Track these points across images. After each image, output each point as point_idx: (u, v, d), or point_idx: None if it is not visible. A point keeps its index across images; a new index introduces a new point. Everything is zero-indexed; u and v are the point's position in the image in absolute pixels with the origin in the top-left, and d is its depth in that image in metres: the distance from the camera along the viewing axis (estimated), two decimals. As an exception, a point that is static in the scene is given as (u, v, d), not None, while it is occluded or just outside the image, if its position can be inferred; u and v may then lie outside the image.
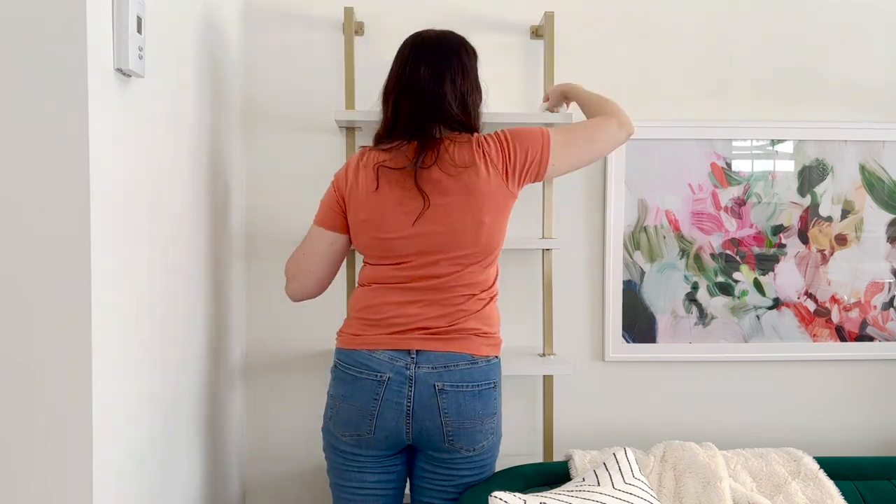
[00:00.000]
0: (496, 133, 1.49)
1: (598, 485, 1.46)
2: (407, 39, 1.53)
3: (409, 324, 1.45)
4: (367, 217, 1.46)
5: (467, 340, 1.45)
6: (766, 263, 2.15)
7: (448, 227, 1.43)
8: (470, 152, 1.44)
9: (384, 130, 1.51)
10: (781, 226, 2.14)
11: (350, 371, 1.45)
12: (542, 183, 2.01)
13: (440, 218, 1.43)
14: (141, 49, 1.13)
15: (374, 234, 1.46)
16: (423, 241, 1.43)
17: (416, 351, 1.43)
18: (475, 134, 1.50)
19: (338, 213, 1.51)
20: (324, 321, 2.01)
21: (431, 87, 1.46)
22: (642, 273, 2.13)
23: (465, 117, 1.49)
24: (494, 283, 1.52)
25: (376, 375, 1.42)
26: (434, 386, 1.42)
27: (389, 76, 1.52)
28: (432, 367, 1.42)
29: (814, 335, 2.17)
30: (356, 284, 1.60)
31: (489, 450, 1.49)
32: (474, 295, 1.47)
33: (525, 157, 1.48)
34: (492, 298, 1.51)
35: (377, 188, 1.44)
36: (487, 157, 1.45)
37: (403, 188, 1.43)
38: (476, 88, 1.54)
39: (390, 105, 1.50)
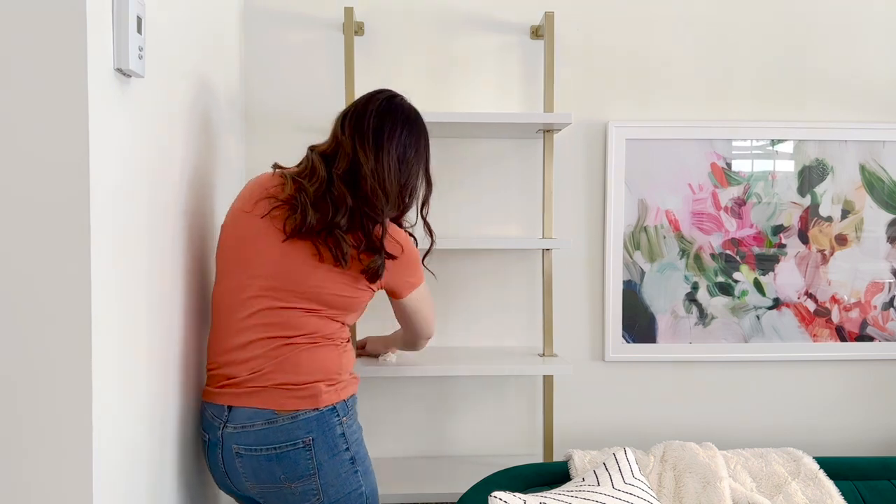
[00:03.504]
0: None
1: (598, 485, 1.46)
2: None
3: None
4: None
5: (266, 394, 1.35)
6: (766, 263, 2.15)
7: None
8: None
9: None
10: (781, 226, 2.14)
11: None
12: (541, 183, 2.02)
13: None
14: (141, 49, 1.12)
15: None
16: None
17: (228, 407, 1.36)
18: None
19: None
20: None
21: None
22: (642, 273, 2.13)
23: None
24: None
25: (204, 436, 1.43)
26: (232, 449, 1.35)
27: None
28: (234, 428, 1.35)
29: (814, 335, 2.17)
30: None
31: None
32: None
33: None
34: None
35: None
36: None
37: None
38: None
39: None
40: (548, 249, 2.01)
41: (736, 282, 2.14)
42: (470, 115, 1.83)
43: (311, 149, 1.46)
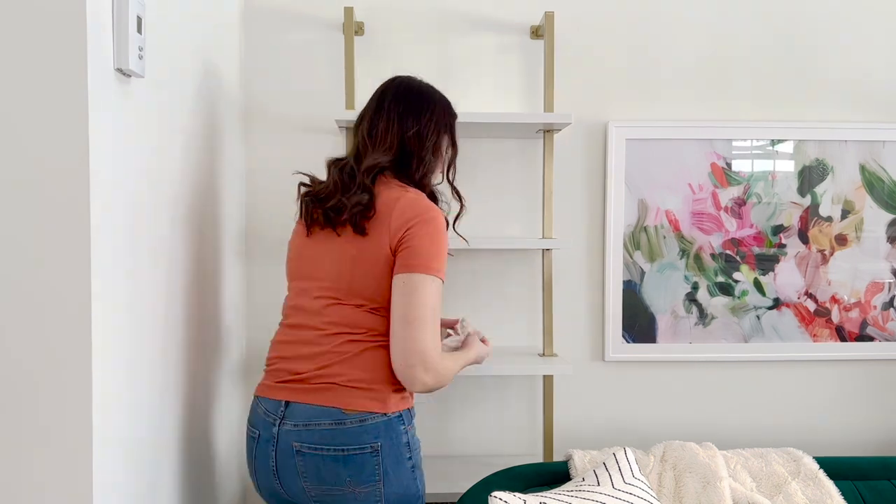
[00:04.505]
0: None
1: (598, 485, 1.46)
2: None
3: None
4: None
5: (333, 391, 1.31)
6: (766, 263, 2.15)
7: None
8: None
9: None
10: (781, 226, 2.14)
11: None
12: (541, 183, 2.02)
13: None
14: (141, 49, 1.13)
15: None
16: None
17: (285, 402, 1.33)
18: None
19: None
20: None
21: None
22: (642, 273, 2.13)
23: None
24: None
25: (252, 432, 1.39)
26: (292, 446, 1.31)
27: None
28: (294, 425, 1.31)
29: (814, 335, 2.17)
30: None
31: None
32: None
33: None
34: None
35: None
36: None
37: None
38: None
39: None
40: (548, 249, 2.01)
41: (736, 282, 2.14)
42: (470, 115, 1.83)
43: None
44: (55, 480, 1.00)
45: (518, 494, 1.36)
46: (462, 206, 1.56)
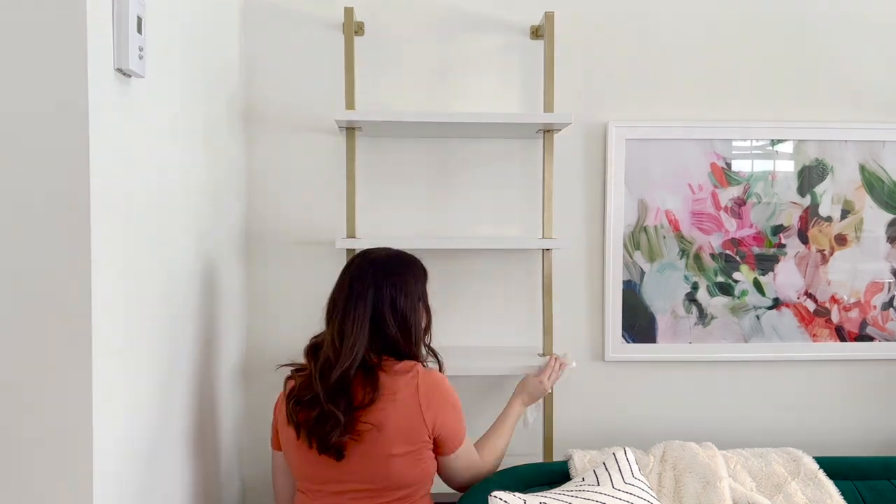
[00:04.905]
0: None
1: (598, 485, 1.46)
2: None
3: None
4: None
5: None
6: (765, 263, 2.15)
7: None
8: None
9: None
10: (781, 226, 2.14)
11: None
12: (541, 182, 2.02)
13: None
14: (141, 49, 1.13)
15: None
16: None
17: None
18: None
19: None
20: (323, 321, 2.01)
21: None
22: (642, 273, 2.13)
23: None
24: None
25: None
26: None
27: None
28: None
29: (814, 335, 2.17)
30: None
31: None
32: None
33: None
34: None
35: None
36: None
37: None
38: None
39: None
40: (548, 249, 2.01)
41: (736, 282, 2.14)
42: (470, 115, 1.84)
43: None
44: (55, 480, 1.00)
45: (518, 494, 1.36)
46: (441, 364, 1.59)
